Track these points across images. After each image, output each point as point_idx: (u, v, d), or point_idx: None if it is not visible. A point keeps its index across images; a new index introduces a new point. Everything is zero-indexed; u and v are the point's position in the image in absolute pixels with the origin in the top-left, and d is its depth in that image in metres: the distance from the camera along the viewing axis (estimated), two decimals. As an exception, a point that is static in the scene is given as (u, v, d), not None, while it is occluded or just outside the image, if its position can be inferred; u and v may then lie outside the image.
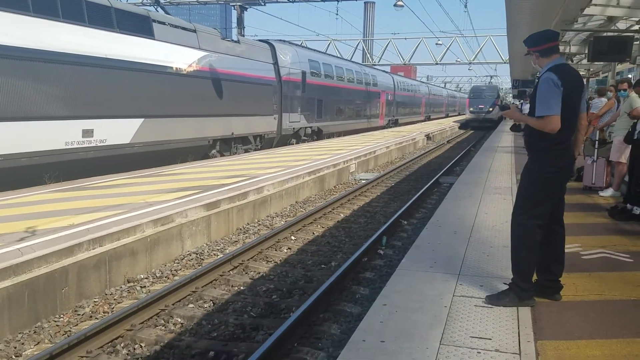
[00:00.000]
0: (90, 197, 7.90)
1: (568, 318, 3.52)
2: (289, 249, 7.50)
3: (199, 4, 26.59)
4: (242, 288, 5.96)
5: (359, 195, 11.67)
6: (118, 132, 11.21)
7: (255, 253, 7.07)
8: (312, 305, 5.03)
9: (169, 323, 5.04)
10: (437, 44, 40.80)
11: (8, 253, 4.98)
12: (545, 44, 3.66)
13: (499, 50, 39.28)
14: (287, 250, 7.45)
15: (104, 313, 5.25)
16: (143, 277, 6.17)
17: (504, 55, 37.50)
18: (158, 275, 6.29)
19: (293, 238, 8.02)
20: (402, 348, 3.08)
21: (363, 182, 13.20)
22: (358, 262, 6.59)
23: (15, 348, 4.46)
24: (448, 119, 53.01)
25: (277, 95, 18.46)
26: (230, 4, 25.38)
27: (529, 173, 3.67)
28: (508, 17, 13.58)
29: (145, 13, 12.68)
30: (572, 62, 18.54)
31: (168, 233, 6.77)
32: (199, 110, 13.92)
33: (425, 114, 48.40)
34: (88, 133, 10.43)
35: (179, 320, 5.10)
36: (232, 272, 6.41)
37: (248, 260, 6.79)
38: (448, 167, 16.51)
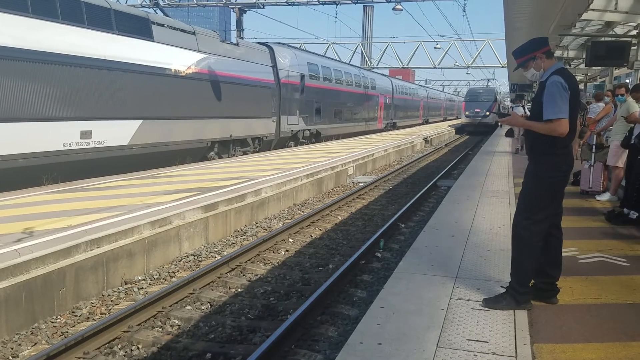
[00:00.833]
0: (88, 198, 7.90)
1: (564, 321, 3.54)
2: (287, 251, 7.50)
3: (198, 7, 26.62)
4: (239, 290, 5.96)
5: (357, 198, 11.68)
6: (116, 133, 11.21)
7: (253, 255, 7.08)
8: (309, 308, 5.04)
9: (166, 325, 5.04)
10: (435, 48, 40.85)
11: (5, 254, 4.97)
12: (548, 46, 3.69)
13: (497, 55, 39.35)
14: (284, 253, 7.45)
15: (101, 314, 5.25)
16: (140, 278, 6.17)
17: (502, 60, 37.61)
18: (155, 277, 6.29)
19: (291, 240, 8.02)
20: (399, 350, 3.09)
21: (361, 184, 13.21)
22: (355, 264, 6.59)
23: (13, 349, 4.46)
24: (446, 123, 53.09)
25: (275, 98, 18.48)
26: (230, 7, 25.42)
27: (534, 178, 3.65)
28: (506, 21, 13.63)
29: (145, 15, 12.70)
30: (569, 66, 18.61)
31: (166, 235, 6.77)
32: (198, 112, 13.92)
33: (424, 118, 48.48)
34: (86, 134, 10.43)
35: (176, 322, 5.10)
36: (229, 274, 6.41)
37: (246, 262, 6.79)
38: (446, 170, 16.53)
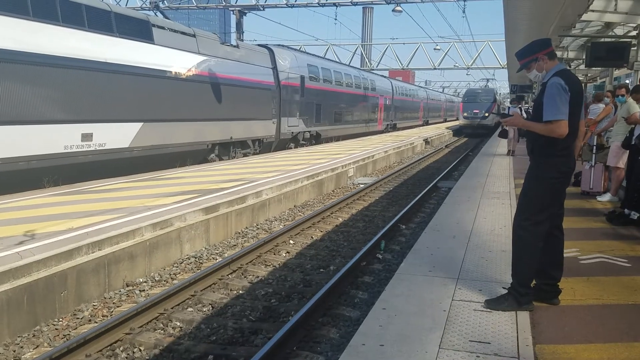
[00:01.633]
0: (89, 200, 7.90)
1: (566, 322, 3.54)
2: (288, 253, 7.50)
3: (199, 9, 26.65)
4: (241, 292, 5.96)
5: (358, 200, 11.68)
6: (117, 136, 11.22)
7: (254, 257, 7.08)
8: (311, 309, 5.04)
9: (168, 327, 5.04)
10: (435, 49, 40.82)
11: (7, 257, 4.98)
12: (550, 47, 3.70)
13: (497, 56, 39.32)
14: (285, 254, 7.46)
15: (103, 317, 5.25)
16: (142, 280, 6.17)
17: (502, 60, 37.58)
18: (157, 279, 6.29)
19: (292, 242, 8.02)
20: (401, 352, 3.09)
21: (361, 186, 13.21)
22: (357, 266, 6.60)
23: (15, 352, 4.46)
24: (446, 124, 53.11)
25: (275, 100, 18.50)
26: (229, 9, 25.44)
27: (535, 179, 3.66)
28: (506, 22, 13.64)
29: (145, 18, 12.72)
30: (570, 67, 18.62)
31: (167, 237, 6.77)
32: (198, 115, 13.94)
33: (424, 119, 48.47)
34: (87, 137, 10.44)
35: (178, 324, 5.10)
36: (231, 276, 6.41)
37: (247, 264, 6.79)
38: (446, 171, 16.54)
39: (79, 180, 9.89)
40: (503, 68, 38.52)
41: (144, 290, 5.92)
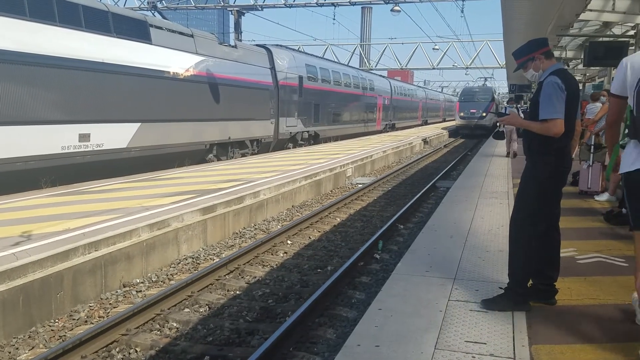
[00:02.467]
0: (86, 201, 7.89)
1: (563, 322, 3.53)
2: (285, 253, 7.49)
3: (197, 9, 26.63)
4: (238, 292, 5.95)
5: (356, 200, 11.67)
6: (115, 136, 11.21)
7: (252, 257, 7.06)
8: (307, 310, 5.03)
9: (165, 327, 5.03)
10: (434, 49, 40.80)
11: (3, 257, 4.96)
12: (547, 47, 3.69)
13: (496, 55, 39.36)
14: (283, 255, 7.45)
15: (100, 318, 5.23)
16: (139, 281, 6.16)
17: (501, 60, 37.60)
18: (154, 280, 6.28)
19: (289, 242, 8.01)
20: (397, 352, 3.08)
21: (360, 186, 13.20)
22: (354, 266, 6.59)
23: (10, 353, 4.44)
24: (445, 124, 53.13)
25: (274, 100, 18.49)
26: (228, 9, 25.42)
27: (531, 178, 3.65)
28: (504, 22, 13.64)
29: (143, 18, 12.71)
30: (568, 67, 18.63)
31: (164, 237, 6.76)
32: (196, 115, 13.92)
33: (423, 119, 48.48)
34: (85, 137, 10.42)
35: (175, 325, 5.09)
36: (228, 276, 6.40)
37: (244, 265, 6.78)
38: (445, 171, 16.54)
39: (77, 181, 9.88)
40: (502, 68, 38.54)
41: (141, 291, 5.91)
